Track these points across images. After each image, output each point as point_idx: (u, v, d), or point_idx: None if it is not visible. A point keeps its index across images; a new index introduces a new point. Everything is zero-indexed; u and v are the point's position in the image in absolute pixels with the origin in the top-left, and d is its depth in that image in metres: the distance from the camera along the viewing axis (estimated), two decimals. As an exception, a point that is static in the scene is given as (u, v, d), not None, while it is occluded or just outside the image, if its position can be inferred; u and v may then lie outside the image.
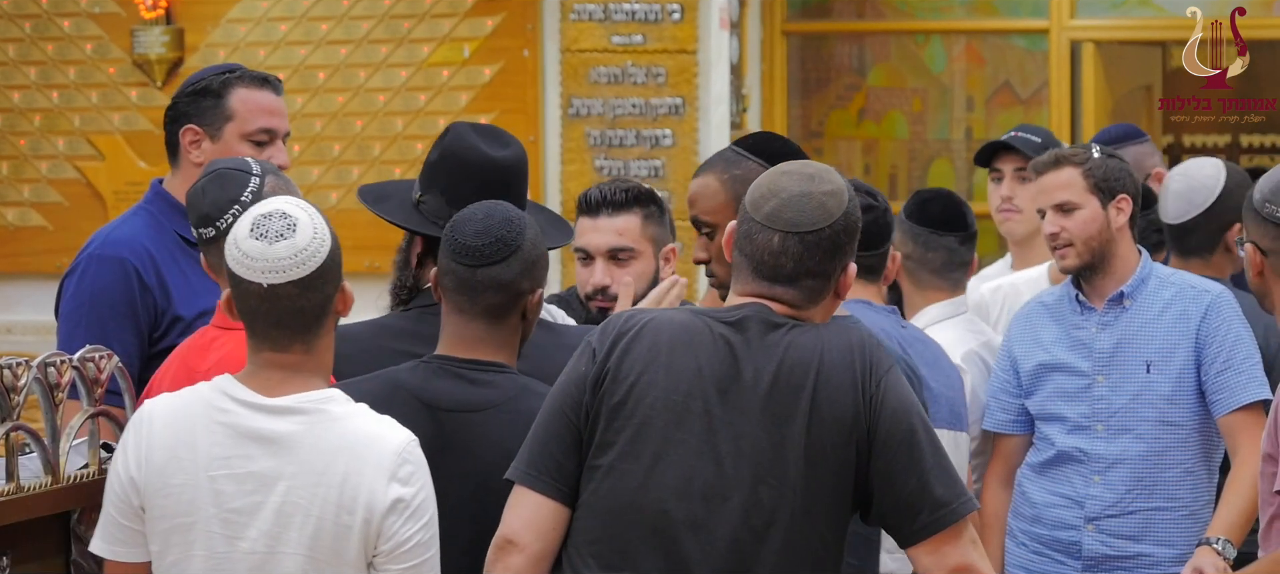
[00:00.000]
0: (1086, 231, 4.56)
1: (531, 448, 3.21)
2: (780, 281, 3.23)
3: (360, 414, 3.19)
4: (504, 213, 3.47)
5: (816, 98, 9.64)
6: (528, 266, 3.45)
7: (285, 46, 8.65)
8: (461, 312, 3.45)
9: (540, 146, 8.39)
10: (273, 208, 3.18)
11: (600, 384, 3.18)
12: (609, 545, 3.16)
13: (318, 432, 3.14)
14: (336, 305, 3.22)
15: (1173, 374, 4.52)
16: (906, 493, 3.19)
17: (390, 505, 3.10)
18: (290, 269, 3.13)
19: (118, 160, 8.83)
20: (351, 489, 3.11)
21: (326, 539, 3.12)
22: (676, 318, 3.25)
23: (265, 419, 3.15)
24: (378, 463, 3.11)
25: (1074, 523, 4.55)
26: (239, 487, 3.14)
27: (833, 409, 3.16)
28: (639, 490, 3.15)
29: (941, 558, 3.19)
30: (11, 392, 3.38)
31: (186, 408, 3.21)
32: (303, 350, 3.19)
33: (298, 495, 3.12)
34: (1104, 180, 4.57)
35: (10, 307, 8.90)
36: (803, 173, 3.27)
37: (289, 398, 3.16)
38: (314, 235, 3.15)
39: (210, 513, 3.15)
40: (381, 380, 3.47)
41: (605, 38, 8.31)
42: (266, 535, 3.13)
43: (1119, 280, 4.59)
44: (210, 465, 3.15)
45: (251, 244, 3.14)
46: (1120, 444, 4.55)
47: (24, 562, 3.45)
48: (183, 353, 3.64)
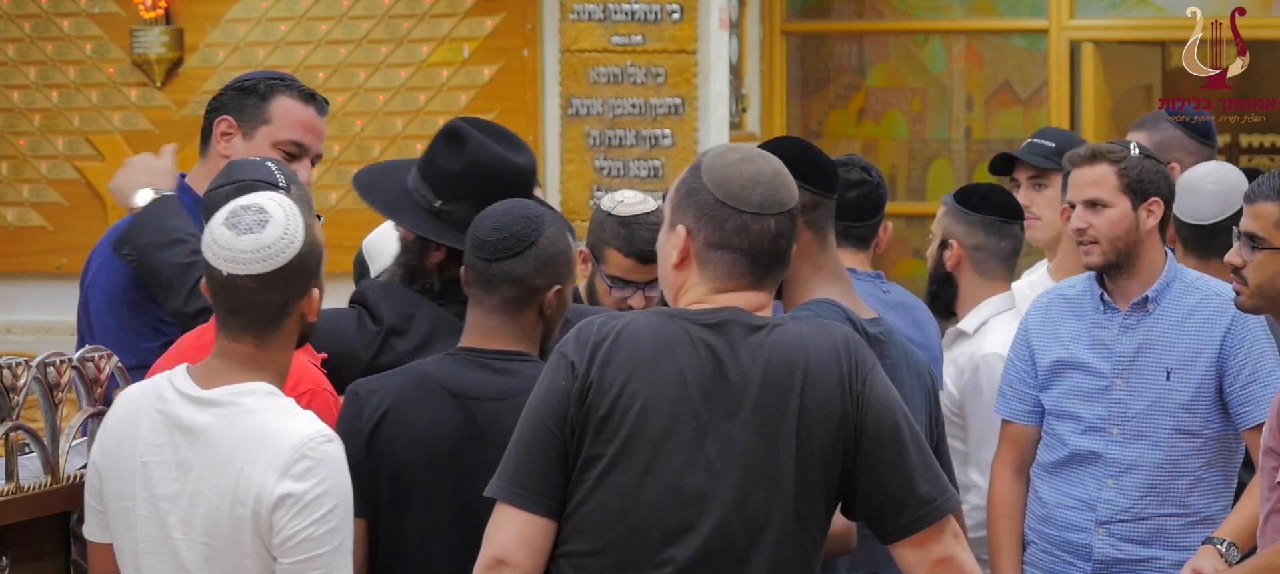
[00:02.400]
0: (1114, 231, 4.51)
1: (515, 465, 3.18)
2: (775, 264, 3.23)
3: (273, 409, 3.22)
4: (523, 210, 3.57)
5: (816, 98, 9.64)
6: (542, 263, 3.53)
7: (285, 46, 8.65)
8: (480, 304, 3.56)
9: (540, 146, 8.39)
10: (253, 201, 3.25)
11: (585, 397, 3.15)
12: (603, 557, 3.15)
13: (226, 424, 3.19)
14: (302, 308, 3.26)
15: (1193, 383, 4.47)
16: (892, 490, 3.18)
17: (277, 500, 3.13)
18: (250, 262, 3.19)
19: (117, 160, 8.74)
20: (245, 482, 3.15)
21: (224, 529, 3.17)
22: (651, 322, 3.22)
23: (190, 410, 3.22)
24: (272, 457, 3.15)
25: (1085, 526, 4.52)
26: (165, 474, 3.21)
27: (821, 408, 3.16)
28: (631, 502, 3.14)
29: (925, 553, 3.19)
30: (11, 392, 3.38)
31: (139, 396, 3.29)
32: (254, 344, 3.24)
33: (203, 485, 3.18)
34: (1137, 181, 4.51)
35: (10, 307, 8.90)
36: (754, 154, 3.29)
37: (216, 390, 3.22)
38: (283, 235, 3.21)
39: (142, 497, 3.23)
40: (409, 373, 3.54)
41: (605, 38, 8.31)
42: (181, 522, 3.20)
43: (1144, 283, 4.53)
44: (144, 451, 3.23)
45: (221, 231, 3.22)
46: (1135, 449, 4.50)
47: (24, 562, 3.46)
48: (182, 349, 3.64)
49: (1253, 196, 3.97)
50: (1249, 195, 3.99)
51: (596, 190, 8.21)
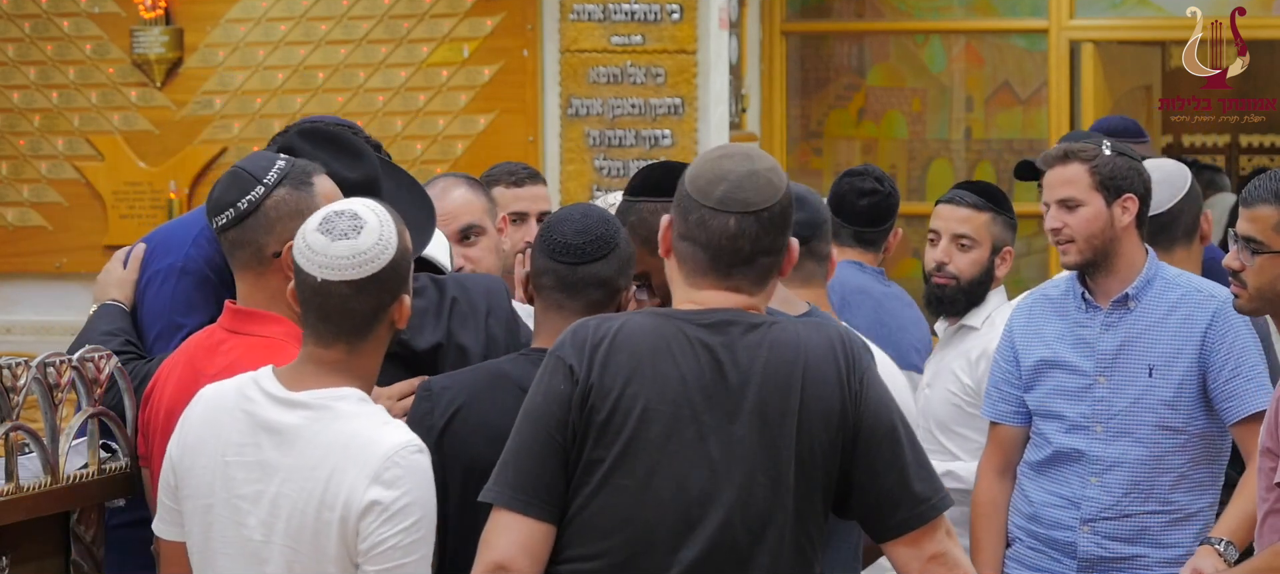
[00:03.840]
0: (1089, 229, 4.54)
1: (515, 470, 3.17)
2: (739, 265, 3.21)
3: (365, 415, 3.21)
4: (598, 213, 3.59)
5: (816, 98, 9.64)
6: (625, 263, 3.56)
7: (285, 46, 8.65)
8: (562, 309, 3.53)
9: (540, 146, 8.39)
10: (346, 207, 3.25)
11: (586, 401, 3.15)
12: (609, 560, 3.15)
13: (317, 427, 3.18)
14: (393, 315, 3.27)
15: (1175, 379, 4.50)
16: (887, 488, 3.19)
17: (366, 506, 3.13)
18: (346, 268, 3.19)
19: (117, 160, 8.83)
20: (335, 487, 3.14)
21: (308, 534, 3.16)
22: (647, 323, 3.22)
23: (278, 411, 3.21)
24: (363, 463, 3.14)
25: (1070, 524, 4.54)
26: (247, 474, 3.20)
27: (820, 406, 3.16)
28: (634, 505, 3.13)
29: (919, 551, 3.20)
30: (11, 392, 3.38)
31: (223, 395, 3.28)
32: (345, 350, 3.24)
33: (289, 487, 3.17)
34: (1110, 178, 4.54)
35: (10, 307, 8.91)
36: (740, 153, 3.28)
37: (305, 393, 3.21)
38: (378, 241, 3.21)
39: (222, 496, 3.22)
40: (485, 371, 3.56)
41: (605, 38, 8.32)
42: (262, 524, 3.19)
43: (1124, 280, 4.56)
44: (226, 451, 3.22)
45: (315, 237, 3.22)
46: (1119, 447, 4.53)
47: (23, 562, 3.46)
48: (189, 352, 3.62)
49: (1250, 200, 3.97)
50: (1245, 199, 3.99)
51: (596, 190, 8.21)
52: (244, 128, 8.61)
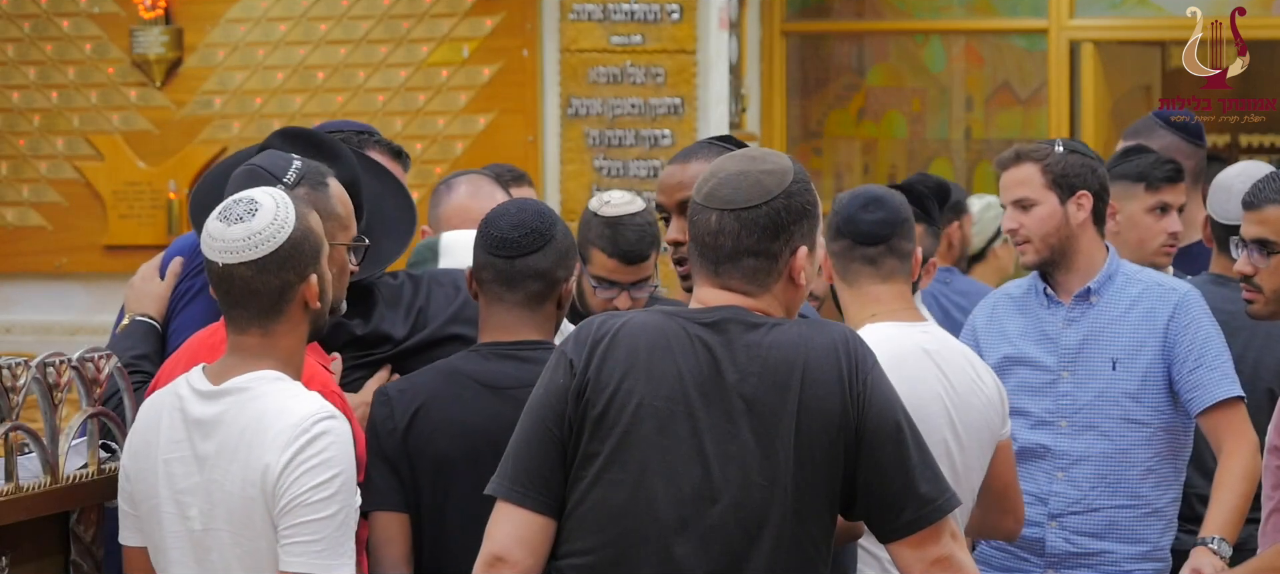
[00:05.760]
0: (1043, 227, 4.57)
1: (514, 463, 3.19)
2: (723, 262, 3.21)
3: (278, 391, 3.26)
4: (534, 207, 3.70)
5: (815, 98, 9.64)
6: (562, 255, 3.65)
7: (285, 46, 8.65)
8: (502, 301, 3.65)
9: (539, 146, 8.39)
10: (244, 194, 3.31)
11: (582, 394, 3.16)
12: (601, 555, 3.15)
13: (236, 412, 3.25)
14: (304, 294, 3.30)
15: (1138, 372, 4.52)
16: (892, 490, 3.18)
17: (280, 470, 3.18)
18: (242, 250, 3.25)
19: (117, 160, 8.83)
20: (254, 463, 3.20)
21: (240, 515, 3.22)
22: (650, 320, 3.22)
23: (203, 405, 3.27)
24: (276, 434, 3.19)
25: (1038, 520, 4.54)
26: (184, 469, 3.27)
27: (820, 407, 3.15)
28: (629, 500, 3.14)
29: (924, 553, 3.19)
30: (11, 392, 3.39)
31: (160, 400, 3.35)
32: (259, 333, 3.29)
33: (217, 474, 3.24)
34: (1062, 176, 4.57)
35: (10, 307, 8.91)
36: (747, 154, 3.29)
37: (227, 382, 3.27)
38: (273, 220, 3.26)
39: (166, 495, 3.28)
40: (436, 371, 3.64)
41: (604, 38, 8.32)
42: (202, 514, 3.26)
43: (1084, 276, 4.59)
44: (165, 450, 3.29)
45: (214, 224, 3.28)
46: (1084, 441, 4.54)
47: (23, 562, 3.46)
48: (192, 350, 3.63)
49: (1257, 202, 3.96)
50: (1252, 201, 3.97)
51: (596, 190, 8.21)
52: (244, 128, 8.60)
